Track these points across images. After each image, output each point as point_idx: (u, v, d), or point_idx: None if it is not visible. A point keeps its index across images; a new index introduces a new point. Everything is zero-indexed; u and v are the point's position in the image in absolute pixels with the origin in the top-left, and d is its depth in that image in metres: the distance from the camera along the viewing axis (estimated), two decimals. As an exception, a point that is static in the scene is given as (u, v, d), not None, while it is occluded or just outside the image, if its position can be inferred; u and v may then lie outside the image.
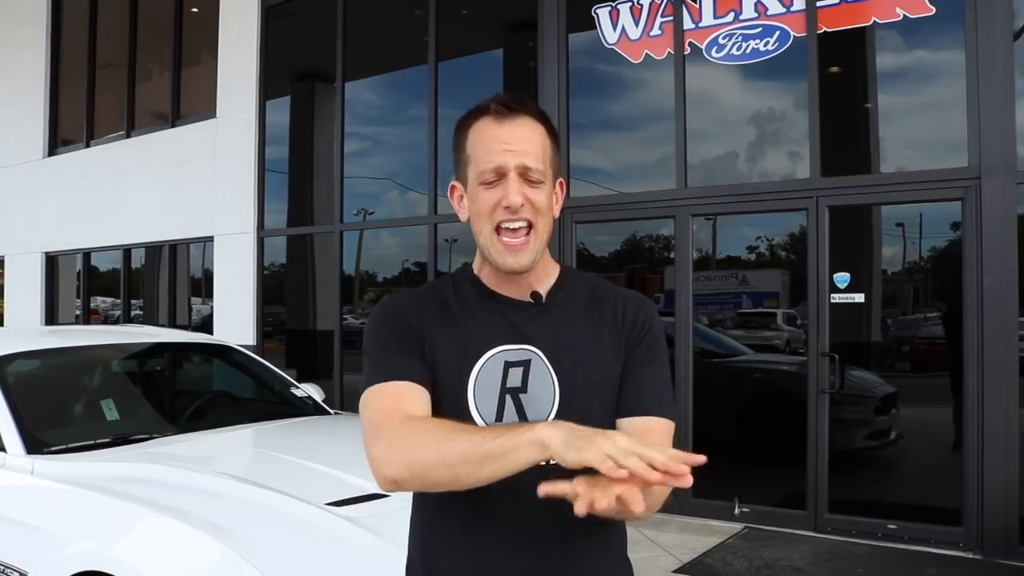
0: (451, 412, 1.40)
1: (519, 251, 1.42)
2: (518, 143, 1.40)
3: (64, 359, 4.20)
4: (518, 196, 1.39)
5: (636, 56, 6.14)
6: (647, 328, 1.49)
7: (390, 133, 8.18)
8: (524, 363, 1.43)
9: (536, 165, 1.41)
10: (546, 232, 1.45)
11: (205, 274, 9.34)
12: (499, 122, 1.42)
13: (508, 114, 1.42)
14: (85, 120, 10.53)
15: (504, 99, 1.44)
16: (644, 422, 1.44)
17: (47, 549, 2.81)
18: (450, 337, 1.45)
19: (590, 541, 1.44)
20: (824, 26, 5.39)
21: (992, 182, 4.83)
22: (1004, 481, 4.75)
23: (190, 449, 3.57)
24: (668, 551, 5.03)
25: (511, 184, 1.39)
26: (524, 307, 1.48)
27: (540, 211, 1.42)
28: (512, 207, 1.39)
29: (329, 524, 2.65)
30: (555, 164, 1.47)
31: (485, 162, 1.41)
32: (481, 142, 1.43)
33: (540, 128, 1.44)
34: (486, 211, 1.42)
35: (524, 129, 1.42)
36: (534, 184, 1.41)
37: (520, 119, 1.42)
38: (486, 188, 1.41)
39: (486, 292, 1.50)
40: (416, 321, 1.46)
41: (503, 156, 1.40)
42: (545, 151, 1.44)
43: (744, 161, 5.96)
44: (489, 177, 1.41)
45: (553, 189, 1.47)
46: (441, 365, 1.44)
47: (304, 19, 8.59)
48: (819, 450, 5.34)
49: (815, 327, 5.37)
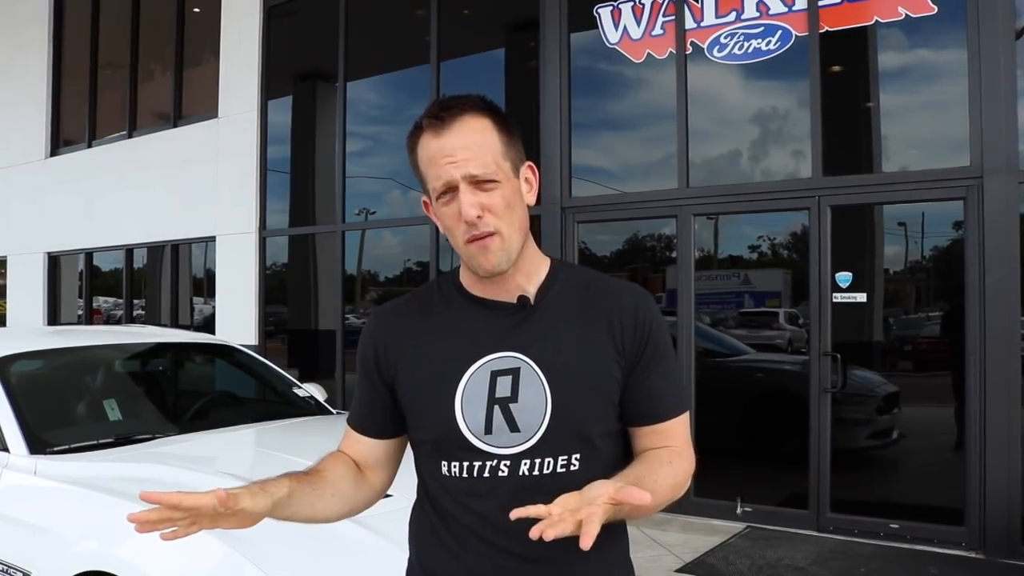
0: (439, 427, 1.41)
1: (488, 252, 1.38)
2: (460, 151, 1.35)
3: (66, 359, 4.20)
4: (472, 208, 1.34)
5: (638, 56, 6.14)
6: (649, 327, 1.44)
7: (392, 133, 8.18)
8: (512, 371, 1.39)
9: (483, 170, 1.35)
10: (515, 231, 1.40)
11: (207, 274, 9.34)
12: (437, 135, 1.37)
13: (442, 124, 1.37)
14: (87, 120, 10.54)
15: (436, 109, 1.39)
16: (662, 428, 1.44)
17: (50, 549, 2.82)
18: (434, 350, 1.44)
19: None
20: (826, 25, 5.38)
21: (994, 181, 4.82)
22: (1007, 480, 4.75)
23: (192, 449, 3.57)
24: (670, 550, 5.03)
25: (463, 196, 1.35)
26: (511, 311, 1.44)
27: (499, 214, 1.37)
28: (469, 220, 1.35)
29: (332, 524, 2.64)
30: (511, 155, 1.40)
31: (434, 179, 1.38)
32: (426, 159, 1.39)
33: (482, 123, 1.38)
34: (451, 225, 1.39)
35: (462, 135, 1.36)
36: (487, 188, 1.36)
37: (456, 124, 1.37)
38: (444, 204, 1.38)
39: (471, 298, 1.47)
40: (389, 350, 1.49)
41: (447, 170, 1.36)
42: (493, 148, 1.37)
43: (746, 160, 5.96)
44: (442, 192, 1.38)
45: (517, 180, 1.41)
46: (425, 381, 1.43)
47: (306, 19, 8.59)
48: (821, 449, 5.34)
49: (817, 326, 5.37)
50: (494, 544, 1.39)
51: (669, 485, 1.36)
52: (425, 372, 1.44)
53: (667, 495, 1.36)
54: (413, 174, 1.46)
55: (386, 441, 1.55)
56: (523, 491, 1.36)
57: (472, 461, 1.39)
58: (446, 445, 1.41)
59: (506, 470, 1.38)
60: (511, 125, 1.43)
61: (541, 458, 1.38)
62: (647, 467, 1.37)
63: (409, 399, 1.46)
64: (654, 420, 1.44)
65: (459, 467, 1.40)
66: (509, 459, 1.38)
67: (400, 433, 1.54)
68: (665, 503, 1.37)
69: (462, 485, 1.41)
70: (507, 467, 1.38)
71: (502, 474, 1.38)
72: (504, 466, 1.38)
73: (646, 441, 1.45)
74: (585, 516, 1.13)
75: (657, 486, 1.31)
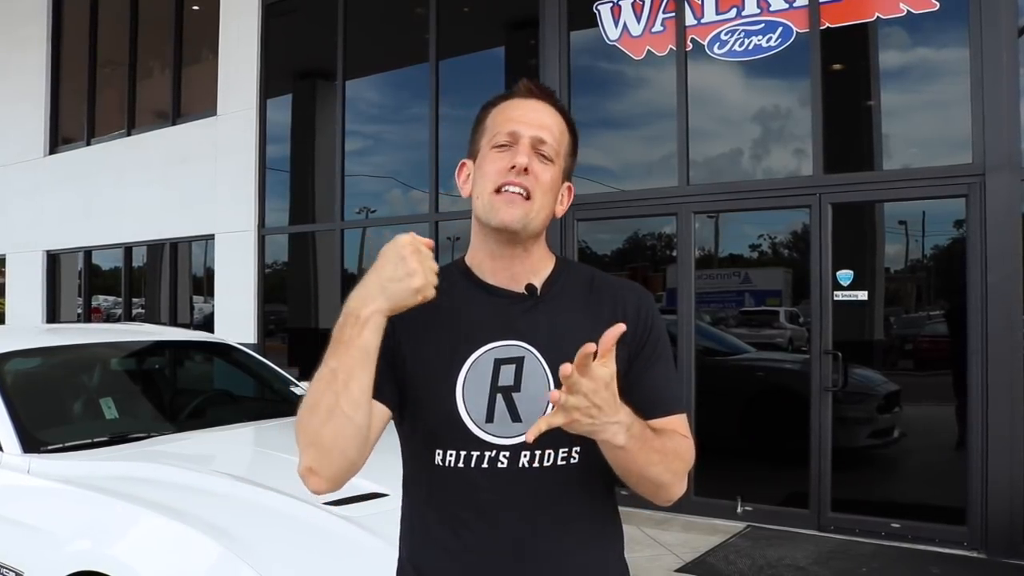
0: (439, 412, 1.37)
1: (513, 204, 1.37)
2: (538, 119, 1.41)
3: (62, 357, 4.18)
4: (525, 158, 1.37)
5: (638, 53, 6.11)
6: (651, 325, 1.45)
7: (391, 131, 8.16)
8: (516, 360, 1.38)
9: (551, 141, 1.40)
10: (543, 211, 1.40)
11: (206, 272, 9.33)
12: (525, 101, 1.43)
13: (533, 96, 1.43)
14: (86, 118, 10.53)
15: (530, 84, 1.45)
16: (660, 423, 1.41)
17: (43, 549, 2.79)
18: (437, 335, 1.40)
19: (584, 543, 1.41)
20: (827, 22, 5.36)
21: (996, 179, 4.79)
22: (1008, 480, 4.72)
23: (189, 448, 3.55)
24: (670, 550, 5.00)
25: (521, 148, 1.38)
26: (517, 299, 1.43)
27: (541, 185, 1.39)
28: (518, 167, 1.36)
29: (327, 524, 2.63)
30: (567, 163, 1.46)
31: (502, 128, 1.41)
32: (501, 116, 1.43)
33: (561, 121, 1.45)
34: (491, 172, 1.39)
35: (547, 114, 1.42)
36: (544, 160, 1.40)
37: (544, 104, 1.43)
38: (497, 151, 1.40)
39: (478, 283, 1.45)
40: (389, 328, 1.35)
41: (519, 125, 1.40)
42: (561, 142, 1.43)
43: (747, 158, 5.93)
44: (502, 140, 1.40)
45: (561, 179, 1.44)
46: (426, 366, 1.39)
47: (305, 17, 8.57)
48: (822, 448, 5.31)
49: (818, 325, 5.34)
50: (489, 539, 1.36)
51: (661, 446, 1.32)
52: (427, 356, 1.40)
53: (658, 453, 1.31)
54: (470, 133, 1.48)
55: (378, 407, 1.37)
56: (521, 483, 1.34)
57: (470, 451, 1.36)
58: (443, 432, 1.37)
59: (505, 461, 1.35)
60: (577, 143, 1.49)
61: (541, 450, 1.35)
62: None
63: (409, 382, 1.41)
64: (652, 415, 1.41)
65: (455, 456, 1.36)
66: (509, 449, 1.35)
67: (391, 403, 1.40)
68: (657, 463, 1.30)
69: (458, 476, 1.36)
70: (506, 458, 1.35)
71: (501, 465, 1.35)
72: (504, 457, 1.35)
73: None
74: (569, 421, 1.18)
75: (652, 437, 1.30)
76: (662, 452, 1.32)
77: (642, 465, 1.29)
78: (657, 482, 1.33)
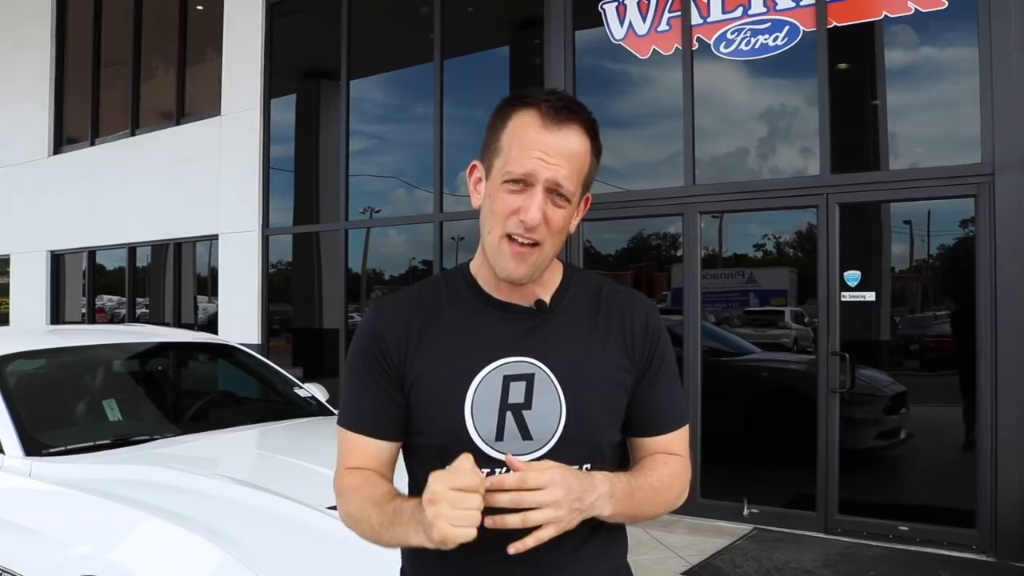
0: (448, 430, 1.34)
1: (520, 260, 1.33)
2: (557, 156, 1.30)
3: (65, 359, 4.16)
4: (537, 213, 1.29)
5: (643, 52, 6.08)
6: (657, 339, 1.44)
7: (396, 131, 8.14)
8: (527, 377, 1.35)
9: (567, 184, 1.31)
10: (553, 251, 1.37)
11: (211, 272, 9.32)
12: (545, 125, 1.30)
13: (556, 121, 1.30)
14: (90, 118, 10.53)
15: (558, 102, 1.32)
16: (665, 440, 1.43)
17: (44, 553, 2.78)
18: (444, 351, 1.37)
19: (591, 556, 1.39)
20: (834, 20, 5.32)
21: (1006, 178, 4.75)
22: (1018, 482, 4.68)
23: (191, 450, 3.53)
24: (676, 552, 4.97)
25: (534, 199, 1.30)
26: (526, 315, 1.40)
27: (553, 232, 1.33)
28: (528, 224, 1.30)
29: (330, 528, 2.59)
30: (588, 179, 1.37)
31: (516, 164, 1.30)
32: (518, 140, 1.31)
33: (586, 142, 1.34)
34: (502, 213, 1.32)
35: (568, 142, 1.31)
36: (558, 203, 1.32)
37: (567, 128, 1.31)
38: (508, 191, 1.31)
39: (484, 297, 1.42)
40: (394, 347, 1.38)
41: (537, 164, 1.29)
42: (582, 168, 1.34)
43: (753, 158, 5.89)
44: (516, 175, 1.31)
45: (576, 206, 1.37)
46: (433, 383, 1.36)
47: (309, 16, 8.55)
48: (829, 450, 5.27)
49: (825, 326, 5.31)
50: (496, 554, 1.32)
51: (651, 487, 1.37)
52: (434, 373, 1.37)
53: (649, 497, 1.37)
54: (485, 133, 1.38)
55: (397, 443, 1.44)
56: None
57: (480, 467, 1.32)
58: (453, 450, 1.32)
59: None
60: (601, 151, 1.40)
61: None
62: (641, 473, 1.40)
63: (415, 401, 1.38)
64: (657, 432, 1.43)
65: None
66: None
67: (401, 436, 1.44)
68: (649, 507, 1.38)
69: None
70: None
71: None
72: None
73: (646, 452, 1.45)
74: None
75: (639, 487, 1.35)
76: (653, 492, 1.37)
77: (635, 515, 1.37)
78: (652, 516, 1.41)
